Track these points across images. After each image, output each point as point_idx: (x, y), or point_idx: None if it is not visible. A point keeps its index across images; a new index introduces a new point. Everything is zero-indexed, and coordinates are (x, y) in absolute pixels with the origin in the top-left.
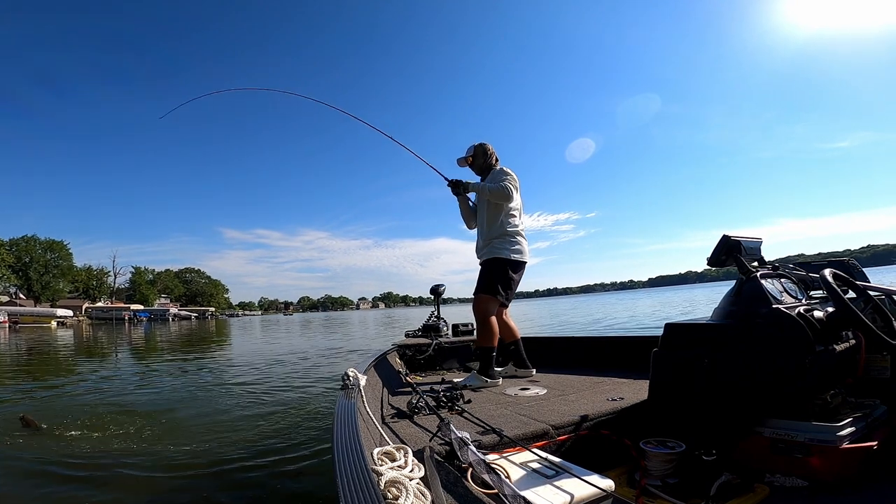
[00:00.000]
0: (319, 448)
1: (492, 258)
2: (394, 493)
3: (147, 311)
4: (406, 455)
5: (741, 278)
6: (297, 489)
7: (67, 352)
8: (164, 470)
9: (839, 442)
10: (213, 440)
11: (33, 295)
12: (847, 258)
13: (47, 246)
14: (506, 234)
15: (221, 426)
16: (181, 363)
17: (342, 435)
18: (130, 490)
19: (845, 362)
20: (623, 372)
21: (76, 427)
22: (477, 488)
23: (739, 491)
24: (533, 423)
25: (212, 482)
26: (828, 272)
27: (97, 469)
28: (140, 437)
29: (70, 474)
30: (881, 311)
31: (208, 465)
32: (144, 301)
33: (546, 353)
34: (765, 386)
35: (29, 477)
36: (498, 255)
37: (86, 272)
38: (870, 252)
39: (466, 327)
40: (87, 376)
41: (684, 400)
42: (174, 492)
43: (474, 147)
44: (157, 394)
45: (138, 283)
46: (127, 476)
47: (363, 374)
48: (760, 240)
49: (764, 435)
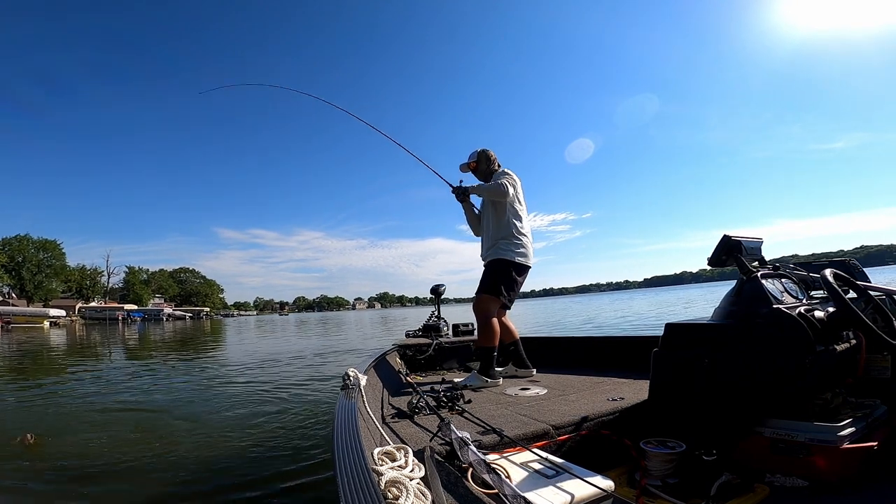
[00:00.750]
0: (319, 448)
1: (496, 259)
2: (394, 493)
3: (141, 311)
4: (406, 455)
5: (742, 278)
6: (297, 489)
7: (58, 353)
8: (162, 470)
9: (839, 442)
10: (212, 440)
11: (26, 295)
12: (847, 258)
13: (40, 245)
14: (511, 236)
15: (220, 426)
16: (177, 363)
17: (342, 435)
18: (130, 491)
19: (845, 362)
20: (623, 372)
21: (68, 433)
22: (477, 488)
23: (739, 491)
24: (533, 423)
25: (211, 482)
26: (828, 272)
27: (95, 472)
28: (138, 437)
29: (65, 477)
30: (882, 311)
31: (207, 465)
32: (138, 301)
33: (546, 353)
34: (765, 386)
35: (24, 482)
36: (502, 256)
37: (79, 272)
38: (863, 252)
39: (467, 327)
40: (80, 377)
41: (684, 400)
42: (174, 492)
43: (478, 153)
44: (154, 394)
45: (132, 282)
46: (125, 477)
47: (363, 374)
48: (761, 240)
49: (764, 435)
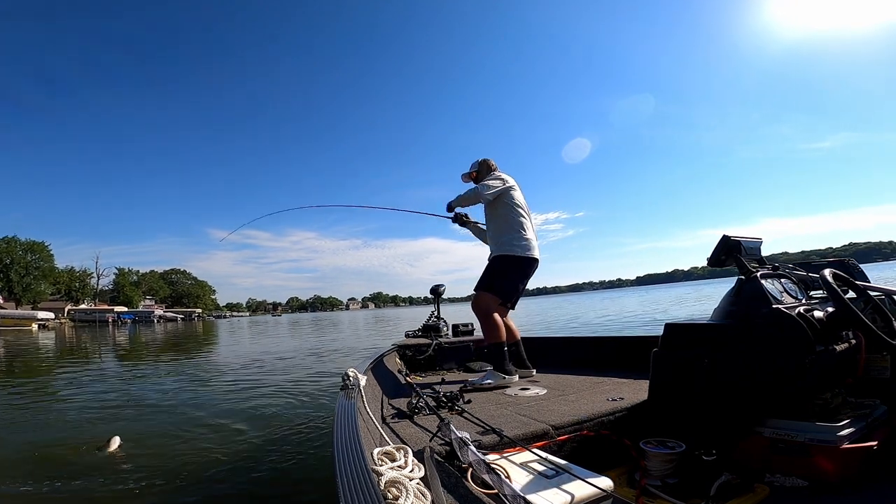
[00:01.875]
0: (319, 448)
1: (494, 256)
2: (394, 494)
3: (132, 312)
4: (406, 455)
5: (741, 278)
6: (297, 489)
7: (46, 355)
8: (160, 471)
9: (839, 442)
10: (210, 440)
11: (14, 297)
12: (847, 258)
13: (28, 247)
14: (507, 231)
15: (218, 426)
16: (172, 365)
17: (342, 435)
18: (128, 490)
19: (845, 362)
20: (623, 372)
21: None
22: (477, 488)
23: (739, 491)
24: (533, 423)
25: (210, 481)
26: (828, 272)
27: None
28: (134, 438)
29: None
30: (881, 311)
31: (205, 465)
32: (129, 303)
33: (546, 353)
34: (765, 386)
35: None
36: (502, 252)
37: (68, 274)
38: (852, 250)
39: (466, 327)
40: (72, 380)
41: (684, 400)
42: (172, 492)
43: (478, 163)
44: (150, 394)
45: (122, 284)
46: (126, 477)
47: (363, 374)
48: (760, 240)
49: (764, 435)
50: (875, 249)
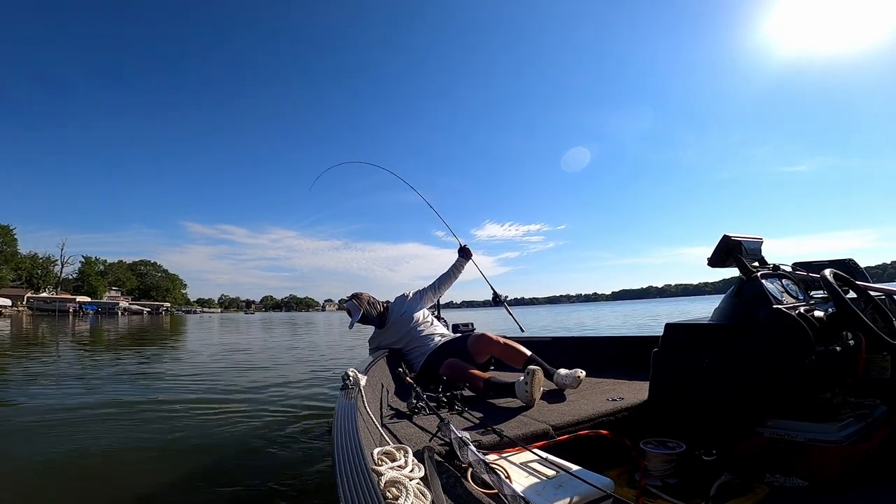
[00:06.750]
0: (319, 448)
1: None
2: (394, 494)
3: (94, 303)
4: (406, 455)
5: (741, 279)
6: (297, 489)
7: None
8: (154, 471)
9: (839, 442)
10: (208, 439)
11: None
12: (848, 258)
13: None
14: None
15: (216, 426)
16: (142, 360)
17: (342, 435)
18: (123, 491)
19: (845, 362)
20: (623, 372)
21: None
22: (477, 488)
23: (739, 491)
24: (533, 423)
25: (208, 481)
26: (828, 272)
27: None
28: (120, 440)
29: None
30: (882, 312)
31: (203, 465)
32: (93, 293)
33: (546, 353)
34: (765, 386)
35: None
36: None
37: (30, 260)
38: None
39: (467, 327)
40: (20, 374)
41: (684, 400)
42: (170, 492)
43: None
44: (124, 392)
45: (87, 273)
46: (115, 478)
47: (363, 374)
48: (761, 240)
49: (764, 435)
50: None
